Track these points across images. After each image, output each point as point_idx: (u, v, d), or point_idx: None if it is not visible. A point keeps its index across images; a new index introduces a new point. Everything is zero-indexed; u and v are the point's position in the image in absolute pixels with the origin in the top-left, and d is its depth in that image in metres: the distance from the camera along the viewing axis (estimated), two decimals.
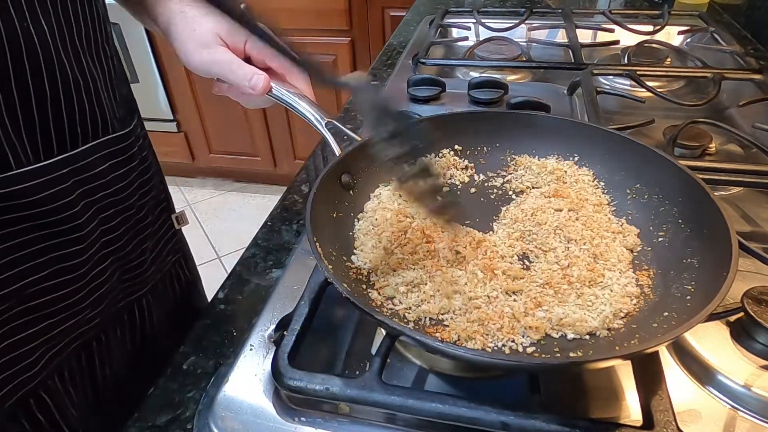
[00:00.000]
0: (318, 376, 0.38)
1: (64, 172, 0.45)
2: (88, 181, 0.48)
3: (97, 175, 0.49)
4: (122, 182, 0.52)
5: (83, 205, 0.47)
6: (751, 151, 0.69)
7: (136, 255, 0.56)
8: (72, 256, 0.47)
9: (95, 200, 0.49)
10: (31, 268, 0.45)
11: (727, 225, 0.41)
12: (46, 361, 0.48)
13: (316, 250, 0.41)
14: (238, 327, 0.49)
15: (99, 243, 0.50)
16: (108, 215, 0.51)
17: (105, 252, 0.52)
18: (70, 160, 0.46)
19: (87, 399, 0.54)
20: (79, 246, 0.48)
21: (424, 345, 0.36)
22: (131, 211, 0.54)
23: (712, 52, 0.98)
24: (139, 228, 0.56)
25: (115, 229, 0.52)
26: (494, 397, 0.36)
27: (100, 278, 0.51)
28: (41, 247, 0.45)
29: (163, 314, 0.64)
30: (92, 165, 0.48)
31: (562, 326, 0.41)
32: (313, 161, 0.74)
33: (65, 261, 0.47)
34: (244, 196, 2.49)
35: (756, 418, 0.39)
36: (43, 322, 0.47)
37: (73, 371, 0.53)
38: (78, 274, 0.48)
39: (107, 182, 0.50)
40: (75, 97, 0.46)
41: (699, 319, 0.34)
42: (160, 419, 0.42)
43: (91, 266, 0.50)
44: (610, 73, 0.87)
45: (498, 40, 1.04)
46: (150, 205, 0.58)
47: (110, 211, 0.51)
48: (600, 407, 0.41)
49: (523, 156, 0.59)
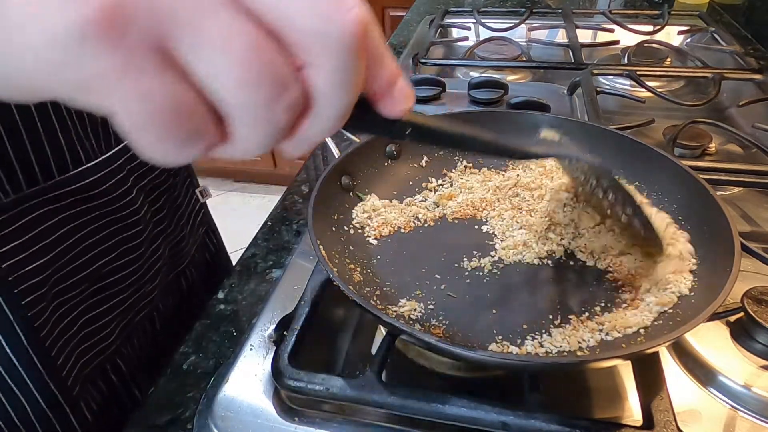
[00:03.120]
0: (318, 376, 0.38)
1: (121, 162, 0.50)
2: (138, 168, 0.53)
3: (143, 162, 0.53)
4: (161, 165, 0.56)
5: (137, 191, 0.52)
6: (751, 151, 0.69)
7: (177, 230, 0.62)
8: (133, 237, 0.52)
9: (144, 185, 0.54)
10: (103, 251, 0.49)
11: (729, 223, 0.41)
12: (119, 332, 0.53)
13: (320, 253, 0.41)
14: (238, 327, 0.49)
15: (151, 223, 0.55)
16: (154, 197, 0.56)
17: (156, 231, 0.57)
18: (124, 150, 0.50)
19: (151, 362, 0.59)
20: (138, 227, 0.52)
21: (429, 345, 0.36)
22: (170, 191, 0.59)
23: (712, 52, 0.98)
24: (176, 205, 0.61)
25: (161, 209, 0.57)
26: (494, 397, 0.36)
27: (155, 255, 0.56)
28: (109, 232, 0.50)
29: (201, 280, 0.70)
30: None
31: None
32: (313, 161, 0.74)
33: (128, 242, 0.52)
34: (244, 196, 2.49)
35: (756, 418, 0.39)
36: (115, 299, 0.52)
37: (140, 338, 0.58)
38: (139, 253, 0.53)
39: (151, 167, 0.55)
40: None
41: (700, 319, 0.34)
42: (160, 419, 0.42)
43: (148, 245, 0.55)
44: (610, 73, 0.87)
45: (498, 40, 1.04)
46: (180, 182, 0.63)
47: (155, 193, 0.56)
48: (601, 407, 0.41)
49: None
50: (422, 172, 0.58)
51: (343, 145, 0.53)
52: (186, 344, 0.48)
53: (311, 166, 0.74)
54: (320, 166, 0.73)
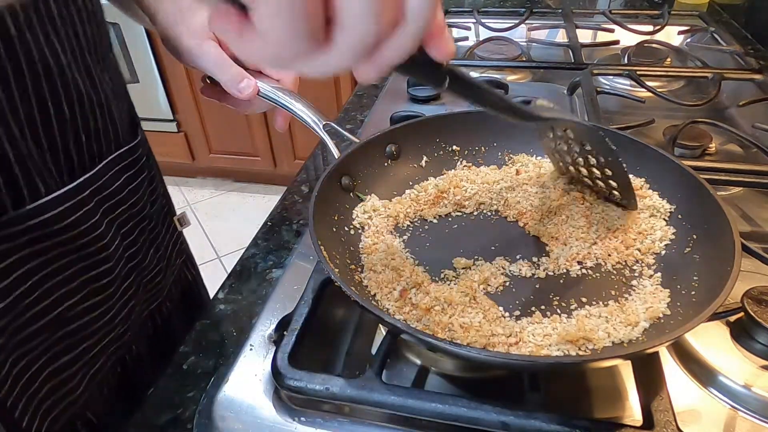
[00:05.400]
0: (318, 376, 0.38)
1: (87, 193, 0.45)
2: (108, 199, 0.48)
3: (114, 192, 0.49)
4: (136, 194, 0.52)
5: (107, 224, 0.47)
6: (751, 151, 0.69)
7: (153, 264, 0.57)
8: (102, 275, 0.48)
9: (115, 216, 0.49)
10: (67, 293, 0.45)
11: (729, 223, 0.41)
12: (88, 381, 0.49)
13: (321, 253, 0.41)
14: (238, 327, 0.49)
15: (123, 258, 0.51)
16: (127, 229, 0.51)
17: (129, 266, 0.52)
18: (92, 180, 0.46)
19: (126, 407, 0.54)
20: (108, 264, 0.48)
21: (430, 345, 0.36)
22: (145, 222, 0.54)
23: (712, 52, 0.98)
24: (152, 237, 0.57)
25: (135, 242, 0.53)
26: (494, 397, 0.36)
27: (127, 293, 0.52)
28: (74, 271, 0.45)
29: (177, 315, 0.65)
30: (110, 182, 0.48)
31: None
32: (313, 161, 0.74)
33: (97, 281, 0.47)
34: (244, 196, 2.49)
35: (756, 418, 0.39)
36: (82, 345, 0.47)
37: (111, 386, 0.53)
38: (109, 292, 0.49)
39: (124, 197, 0.50)
40: (90, 114, 0.45)
41: (700, 319, 0.34)
42: (160, 419, 0.42)
43: (119, 282, 0.50)
44: (610, 73, 0.87)
45: (498, 40, 1.04)
46: (157, 211, 0.58)
47: (129, 225, 0.51)
48: (601, 407, 0.41)
49: (520, 155, 0.59)
50: (422, 172, 0.58)
51: (344, 145, 0.53)
52: (186, 344, 0.48)
53: (311, 166, 0.74)
54: (320, 166, 0.73)
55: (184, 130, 2.32)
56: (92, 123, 0.46)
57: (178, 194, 2.50)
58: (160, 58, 2.10)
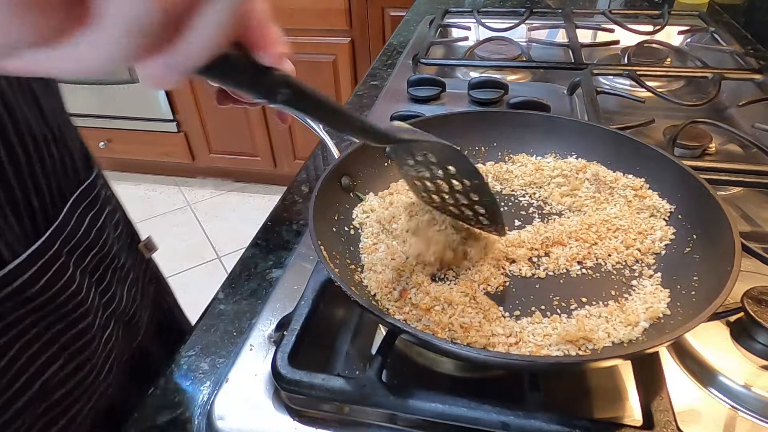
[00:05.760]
0: (318, 376, 0.38)
1: (57, 246, 0.41)
2: (77, 247, 0.44)
3: (82, 237, 0.45)
4: (102, 235, 0.48)
5: (80, 275, 0.44)
6: (751, 151, 0.69)
7: (128, 303, 0.53)
8: (83, 333, 0.44)
9: (87, 264, 0.46)
10: (48, 359, 0.42)
11: (729, 223, 0.41)
12: None
13: (321, 253, 0.41)
14: (238, 327, 0.49)
15: (100, 308, 0.47)
16: (99, 275, 0.48)
17: (107, 314, 0.49)
18: (59, 230, 0.42)
19: None
20: (87, 319, 0.45)
21: (430, 344, 0.36)
22: (115, 261, 0.50)
23: (712, 52, 0.98)
24: (123, 275, 0.53)
25: (109, 286, 0.49)
26: (494, 397, 0.36)
27: (109, 343, 0.49)
28: (53, 335, 0.42)
29: (156, 348, 0.61)
30: (76, 228, 0.44)
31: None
32: (313, 161, 0.74)
33: (78, 341, 0.44)
34: (244, 196, 2.49)
35: (756, 418, 0.39)
36: (67, 414, 0.44)
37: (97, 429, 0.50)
38: (91, 349, 0.46)
39: (92, 241, 0.46)
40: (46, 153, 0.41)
41: (700, 319, 0.34)
42: (160, 419, 0.42)
43: (99, 335, 0.47)
44: (610, 73, 0.87)
45: (498, 40, 1.04)
46: (124, 246, 0.54)
47: (100, 270, 0.48)
48: (601, 407, 0.41)
49: (520, 155, 0.59)
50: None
51: (343, 145, 0.53)
52: (186, 344, 0.48)
53: (311, 166, 0.74)
54: (320, 166, 0.73)
55: (184, 130, 2.32)
56: (49, 163, 0.41)
57: (178, 194, 2.50)
58: None
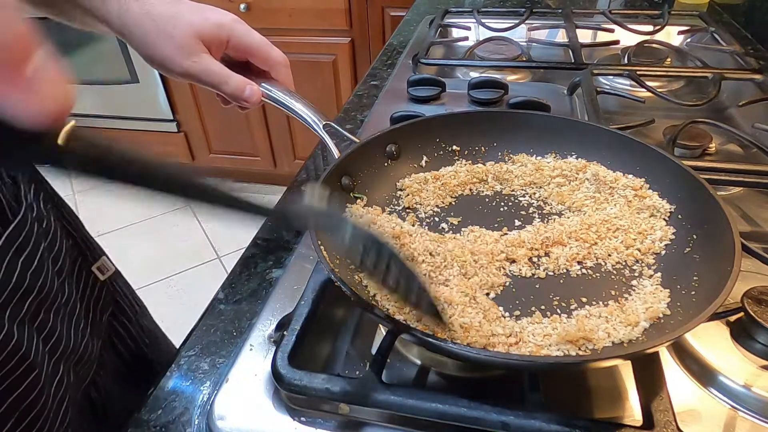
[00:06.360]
0: (318, 376, 0.38)
1: None
2: (12, 296, 0.41)
3: (16, 285, 0.41)
4: (40, 277, 0.44)
5: (18, 326, 0.40)
6: (751, 151, 0.69)
7: (77, 340, 0.50)
8: (31, 388, 0.41)
9: (25, 312, 0.42)
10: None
11: (729, 223, 0.41)
12: None
13: (321, 253, 0.41)
14: (238, 327, 0.49)
15: (46, 355, 0.44)
16: (41, 320, 0.44)
17: (54, 359, 0.45)
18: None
19: None
20: (33, 373, 0.41)
21: (430, 344, 0.36)
22: (57, 301, 0.47)
23: (712, 52, 0.98)
24: (69, 311, 0.49)
25: (53, 330, 0.46)
26: (494, 397, 0.36)
27: (60, 390, 0.45)
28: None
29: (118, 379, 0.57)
30: (9, 273, 0.40)
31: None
32: (313, 161, 0.74)
33: (27, 397, 0.41)
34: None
35: (756, 418, 0.39)
36: None
37: None
38: (42, 401, 0.43)
39: (28, 286, 0.42)
40: None
41: (700, 319, 0.34)
42: (160, 419, 0.42)
43: (49, 385, 0.44)
44: (610, 73, 0.87)
45: (498, 40, 1.04)
46: (66, 278, 0.50)
47: (41, 315, 0.44)
48: (601, 407, 0.41)
49: (520, 155, 0.59)
50: (422, 172, 0.58)
51: (343, 145, 0.53)
52: (186, 344, 0.48)
53: (311, 166, 0.74)
54: (320, 166, 0.73)
55: (184, 130, 2.32)
56: None
57: None
58: None
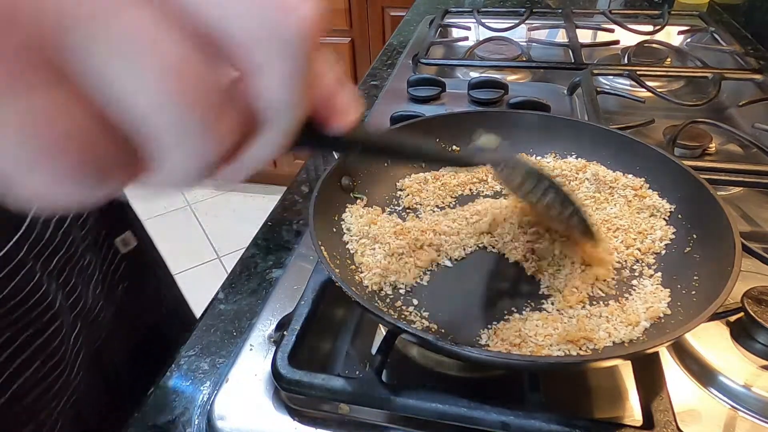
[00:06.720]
0: (318, 376, 0.38)
1: (24, 251, 0.41)
2: (43, 250, 0.44)
3: (48, 241, 0.45)
4: (69, 236, 0.48)
5: (47, 279, 0.44)
6: (751, 151, 0.69)
7: (93, 303, 0.53)
8: (53, 336, 0.44)
9: (53, 268, 0.45)
10: (21, 367, 0.42)
11: (729, 223, 0.41)
12: None
13: (322, 253, 0.41)
14: (238, 327, 0.49)
15: (67, 310, 0.47)
16: (65, 276, 0.47)
17: (73, 315, 0.48)
18: (25, 236, 0.42)
19: None
20: (56, 323, 0.44)
21: (430, 344, 0.36)
22: (80, 262, 0.50)
23: (712, 52, 0.98)
24: (89, 273, 0.52)
25: (75, 287, 0.49)
26: (494, 397, 0.36)
27: (76, 346, 0.48)
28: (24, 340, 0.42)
29: (128, 350, 0.59)
30: (43, 231, 0.44)
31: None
32: (313, 161, 0.74)
33: (50, 344, 0.44)
34: (244, 196, 2.49)
35: (756, 418, 0.39)
36: (44, 411, 0.45)
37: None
38: (62, 352, 0.45)
39: (58, 243, 0.46)
40: None
41: (700, 319, 0.34)
42: (160, 419, 0.42)
43: (68, 338, 0.47)
44: (610, 73, 0.87)
45: (498, 40, 1.04)
46: (90, 244, 0.53)
47: (66, 271, 0.47)
48: (601, 407, 0.41)
49: (519, 155, 0.59)
50: (422, 172, 0.58)
51: None
52: (186, 344, 0.48)
53: (311, 166, 0.74)
54: (320, 166, 0.73)
55: None
56: None
57: (178, 194, 2.50)
58: None
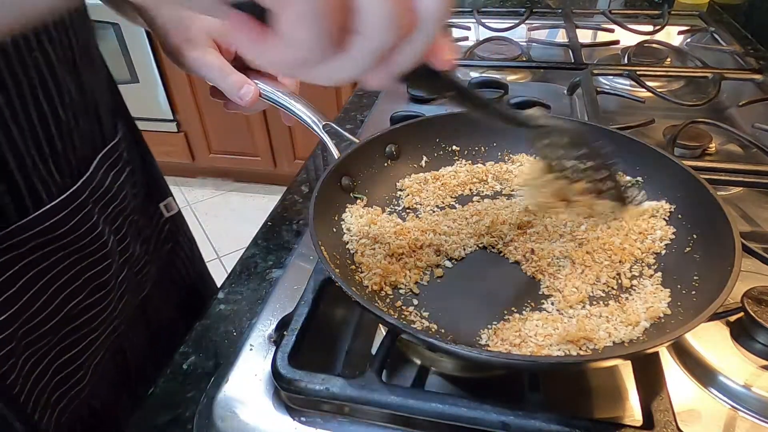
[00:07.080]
0: (318, 376, 0.38)
1: (85, 195, 0.46)
2: (102, 198, 0.49)
3: (106, 190, 0.50)
4: (123, 190, 0.54)
5: (102, 222, 0.49)
6: (751, 151, 0.69)
7: (140, 255, 0.58)
8: (102, 272, 0.50)
9: (108, 214, 0.51)
10: (72, 293, 0.47)
11: (729, 223, 0.41)
12: (91, 373, 0.51)
13: (322, 253, 0.41)
14: (238, 327, 0.49)
15: (117, 253, 0.52)
16: (117, 225, 0.53)
17: (122, 260, 0.54)
18: (88, 182, 0.47)
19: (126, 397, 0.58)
20: (107, 261, 0.50)
21: (430, 345, 0.36)
22: (131, 216, 0.56)
23: (712, 52, 0.98)
24: (138, 228, 0.58)
25: (125, 236, 0.54)
26: (494, 397, 0.36)
27: (122, 287, 0.54)
28: (77, 271, 0.47)
29: (170, 304, 0.66)
30: (102, 180, 0.49)
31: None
32: (313, 161, 0.74)
33: (98, 279, 0.49)
34: (244, 196, 2.49)
35: (756, 418, 0.39)
36: (86, 339, 0.50)
37: (111, 376, 0.56)
38: (109, 287, 0.51)
39: (114, 194, 0.51)
40: (82, 117, 0.46)
41: (700, 319, 0.34)
42: (160, 419, 0.42)
43: (115, 277, 0.52)
44: (610, 73, 0.87)
45: (498, 40, 1.04)
46: (139, 204, 0.59)
47: (119, 221, 0.53)
48: (601, 407, 0.41)
49: (520, 155, 0.59)
50: (422, 172, 0.58)
51: (344, 145, 0.53)
52: (186, 344, 0.48)
53: (311, 166, 0.74)
54: (320, 166, 0.73)
55: (184, 130, 2.32)
56: (84, 125, 0.47)
57: (178, 194, 2.47)
58: (160, 58, 2.09)
